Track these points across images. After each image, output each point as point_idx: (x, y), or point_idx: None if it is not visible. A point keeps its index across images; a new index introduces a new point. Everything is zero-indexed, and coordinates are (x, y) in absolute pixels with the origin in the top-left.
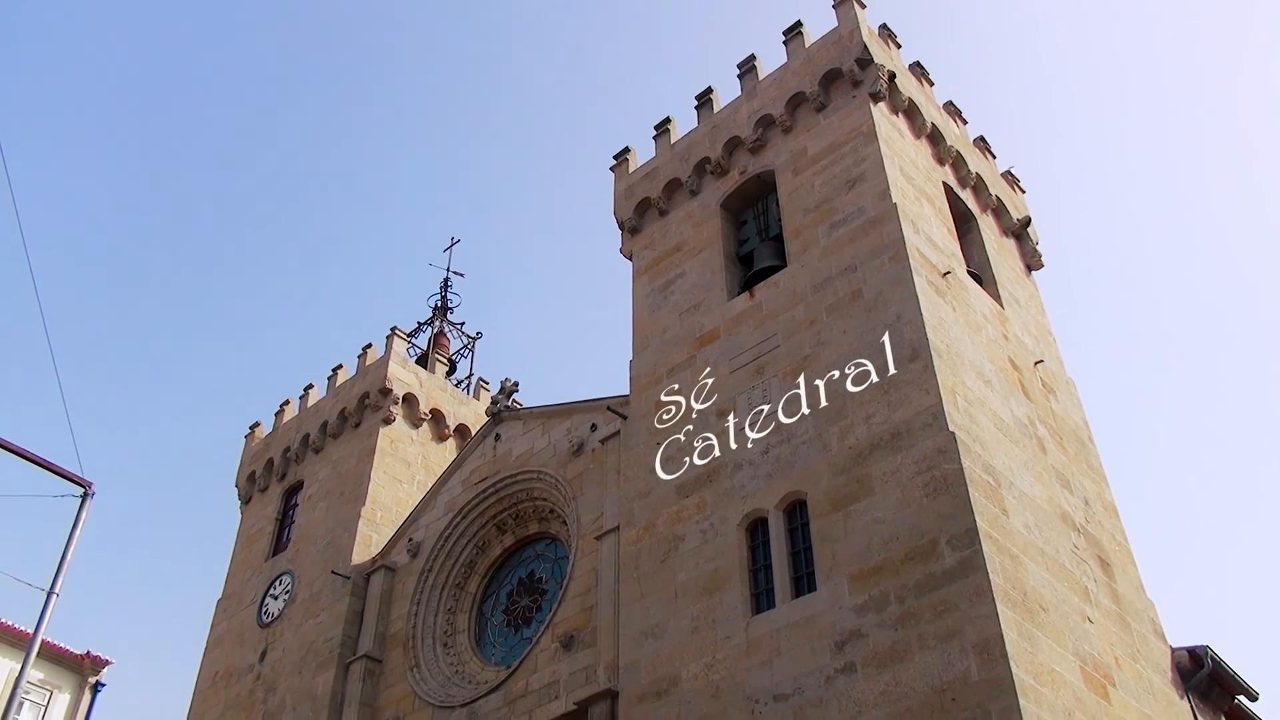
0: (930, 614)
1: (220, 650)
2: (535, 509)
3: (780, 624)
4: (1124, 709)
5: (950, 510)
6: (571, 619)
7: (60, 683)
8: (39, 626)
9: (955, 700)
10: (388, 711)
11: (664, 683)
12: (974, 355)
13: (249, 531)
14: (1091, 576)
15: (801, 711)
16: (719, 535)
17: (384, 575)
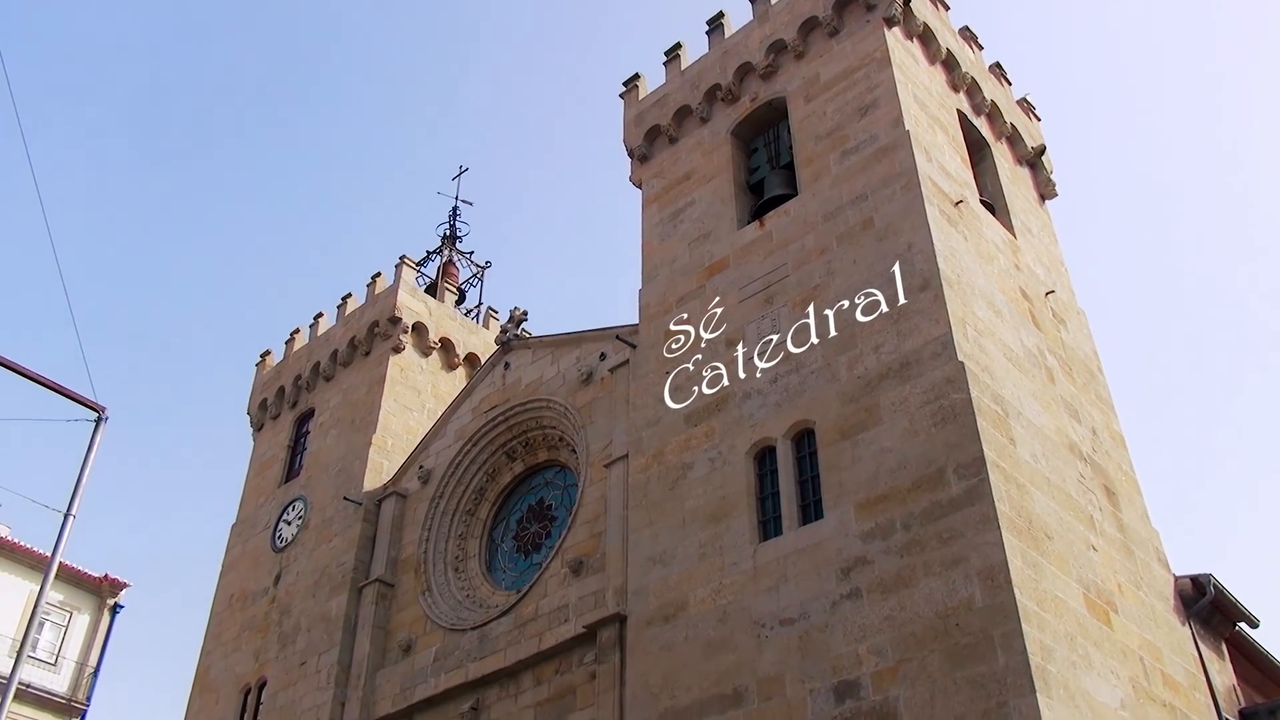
0: (936, 541)
1: (235, 574)
2: (545, 437)
3: (787, 550)
4: (1125, 634)
5: (957, 439)
6: (580, 545)
7: (80, 604)
8: (57, 548)
9: (959, 625)
10: (400, 634)
11: (671, 607)
12: (985, 285)
13: (261, 458)
14: (1097, 505)
15: (807, 635)
16: (727, 463)
17: (395, 501)
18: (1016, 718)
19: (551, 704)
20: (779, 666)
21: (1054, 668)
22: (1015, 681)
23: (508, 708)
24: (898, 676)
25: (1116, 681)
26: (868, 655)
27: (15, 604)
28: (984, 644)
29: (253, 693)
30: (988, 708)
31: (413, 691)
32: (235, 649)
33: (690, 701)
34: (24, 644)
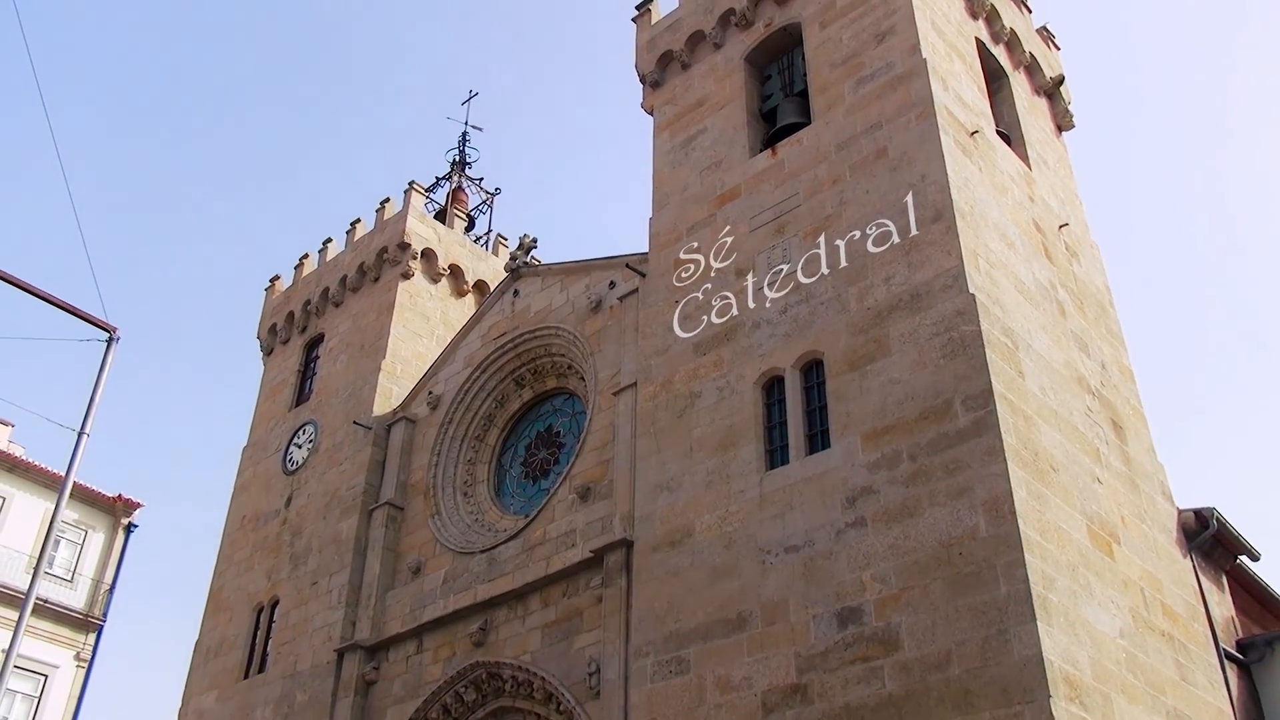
0: (941, 472)
1: (247, 495)
2: (553, 364)
3: (793, 479)
4: (1127, 566)
5: (966, 371)
6: (588, 471)
7: (94, 523)
8: (71, 465)
9: (962, 554)
10: (410, 556)
11: (678, 534)
12: (998, 217)
13: (272, 382)
14: (1103, 439)
15: (811, 562)
16: (735, 393)
17: (404, 427)
18: (1016, 645)
19: (558, 626)
20: (783, 592)
21: (1055, 597)
22: (1016, 610)
23: (515, 629)
24: (900, 603)
25: (1116, 611)
26: (871, 582)
27: (31, 522)
28: (986, 573)
29: (265, 611)
30: (988, 635)
31: (422, 612)
32: (248, 569)
33: (695, 625)
34: (41, 560)
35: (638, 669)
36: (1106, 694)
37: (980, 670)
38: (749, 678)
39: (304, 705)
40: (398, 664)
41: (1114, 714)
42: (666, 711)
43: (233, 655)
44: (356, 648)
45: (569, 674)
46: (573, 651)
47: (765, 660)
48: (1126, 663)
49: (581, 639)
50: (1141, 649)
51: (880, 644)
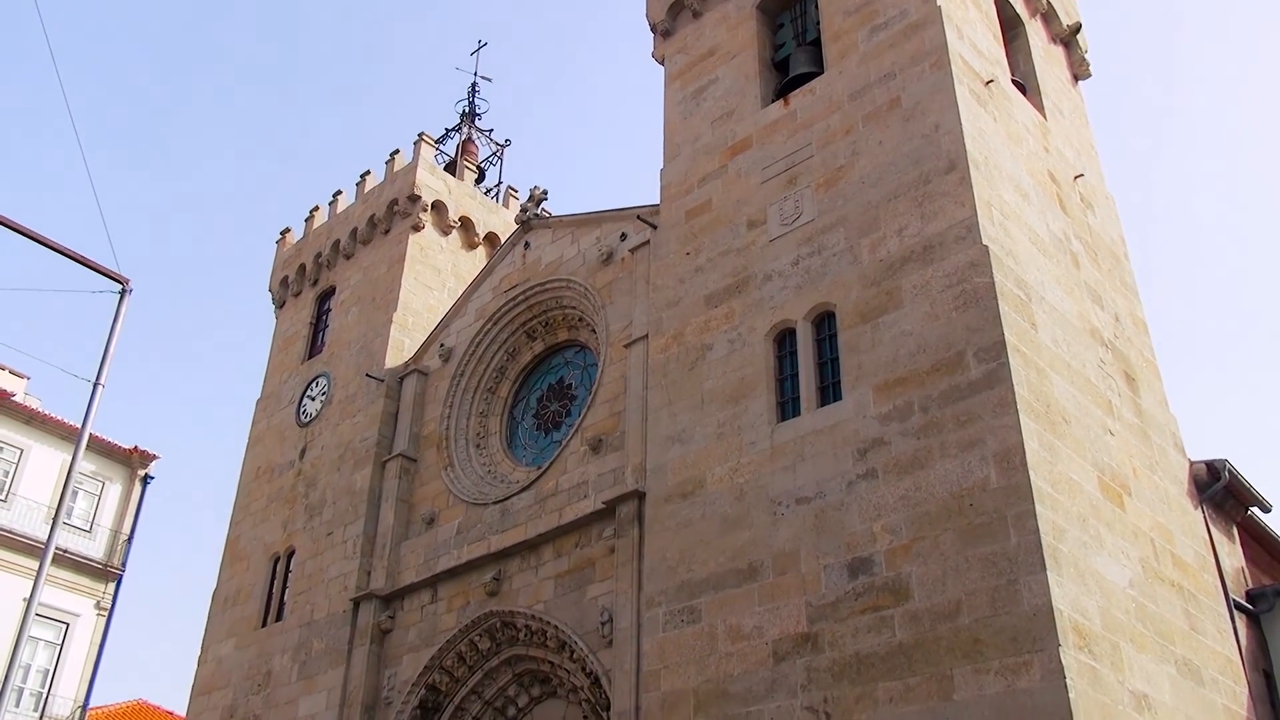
0: (953, 424)
1: (262, 447)
2: (565, 317)
3: (804, 431)
4: (1138, 517)
5: (979, 323)
6: (600, 423)
7: (111, 475)
8: (87, 416)
9: (973, 505)
10: (423, 507)
11: (689, 485)
12: (1012, 168)
13: (284, 335)
14: (1116, 391)
15: (822, 513)
16: (747, 345)
17: (417, 379)
18: (1026, 594)
19: (571, 575)
20: (794, 543)
21: (1065, 547)
22: (1026, 560)
23: (528, 579)
24: (911, 554)
25: (1126, 561)
26: (882, 533)
27: (50, 474)
28: (997, 524)
29: (281, 561)
30: (998, 585)
31: (436, 562)
32: (263, 519)
33: (706, 575)
34: (59, 509)
35: (650, 618)
36: (1115, 643)
37: (990, 619)
38: (760, 627)
39: (321, 653)
40: (412, 613)
41: (1123, 663)
42: (678, 659)
43: (250, 604)
44: (372, 597)
45: (582, 623)
46: (585, 601)
47: (776, 610)
48: (1136, 612)
49: (594, 589)
50: (1151, 599)
51: (890, 594)
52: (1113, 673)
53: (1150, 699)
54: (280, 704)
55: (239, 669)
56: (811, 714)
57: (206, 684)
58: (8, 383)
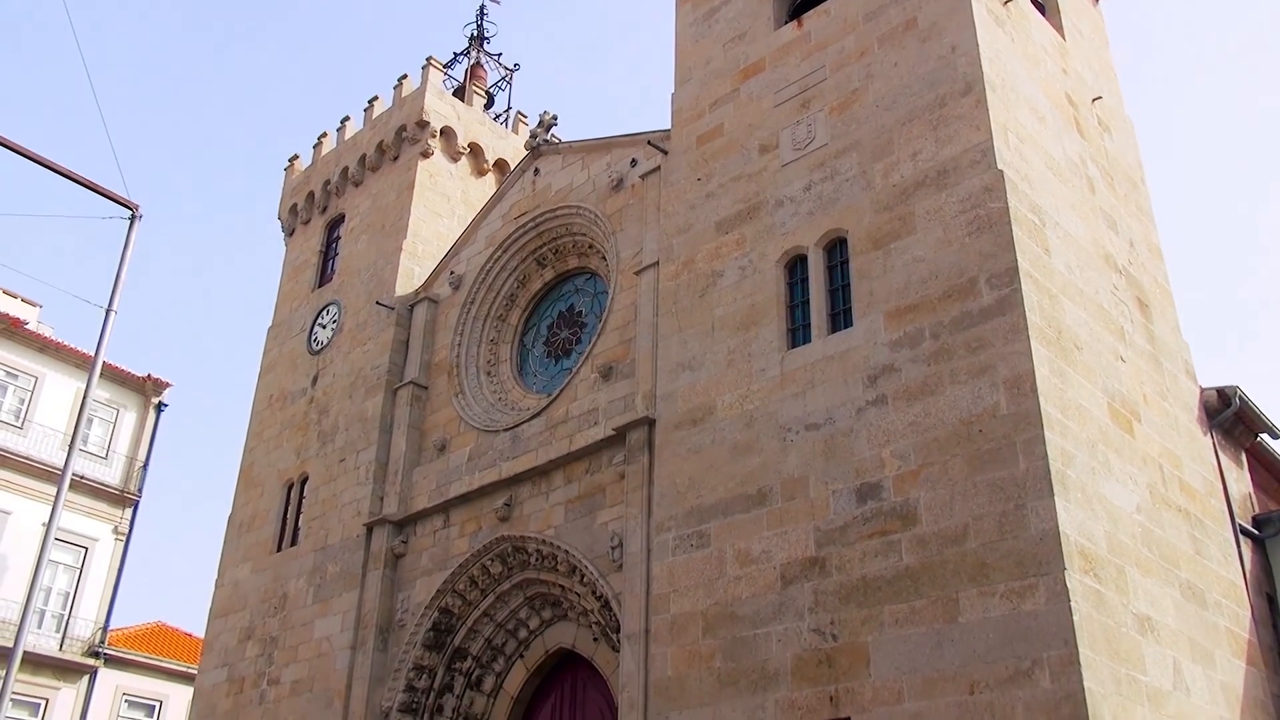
0: (964, 350)
1: (274, 375)
2: (575, 244)
3: (815, 358)
4: (1147, 443)
5: (992, 249)
6: (610, 351)
7: (125, 402)
8: (100, 341)
9: (982, 432)
10: (435, 434)
11: (699, 412)
12: (1030, 90)
13: (294, 263)
14: (1128, 317)
15: (832, 440)
16: (757, 271)
17: (427, 307)
18: (1033, 519)
19: (582, 501)
20: (803, 469)
21: (1073, 473)
22: (1035, 485)
23: (539, 504)
24: (919, 479)
25: (1134, 487)
26: (890, 459)
27: (65, 401)
28: (1006, 449)
29: (295, 487)
30: (1006, 510)
31: (448, 488)
32: (277, 446)
33: (716, 500)
34: (75, 434)
35: (659, 543)
36: (1121, 567)
37: (997, 544)
38: (768, 551)
39: (335, 576)
40: (425, 538)
41: (1127, 586)
42: (687, 583)
43: (265, 529)
44: (385, 522)
45: (592, 548)
46: (595, 526)
47: (784, 534)
48: (1142, 537)
49: (604, 514)
50: (1157, 524)
51: (898, 519)
52: (1117, 596)
53: (1153, 621)
54: (296, 626)
55: (255, 592)
56: (818, 635)
57: (224, 606)
58: (20, 310)
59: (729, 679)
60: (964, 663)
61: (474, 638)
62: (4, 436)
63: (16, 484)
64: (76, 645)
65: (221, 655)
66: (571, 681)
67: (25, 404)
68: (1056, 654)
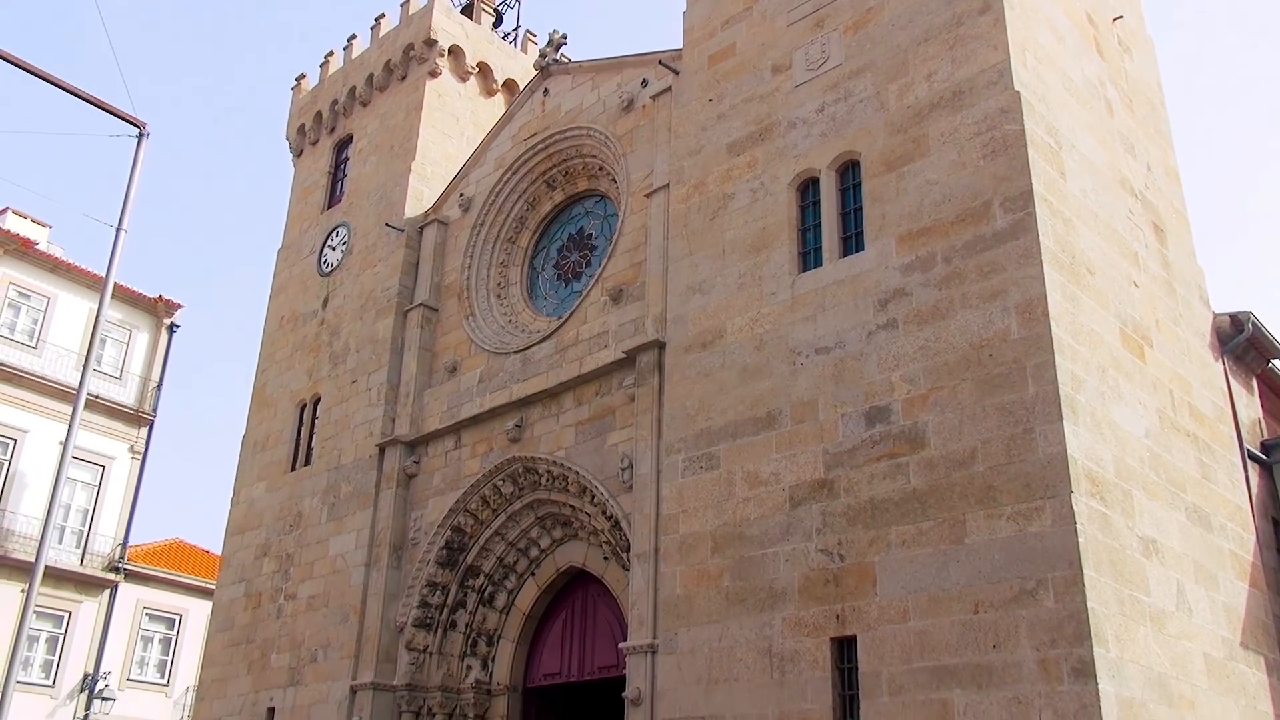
0: (976, 274)
1: (284, 297)
2: (585, 166)
3: (826, 282)
4: (1158, 368)
5: (1007, 172)
6: (620, 274)
7: (138, 324)
8: (112, 259)
9: (992, 356)
10: (445, 356)
11: (709, 335)
12: (1049, 9)
13: (303, 184)
14: (1143, 242)
15: (841, 363)
16: (769, 194)
17: (437, 229)
18: (1042, 443)
19: (592, 423)
20: (813, 392)
21: (1083, 398)
22: (1044, 410)
23: (549, 426)
24: (928, 403)
25: (1143, 412)
26: (900, 383)
27: (77, 322)
28: (1016, 374)
29: (308, 408)
30: (1014, 434)
31: (459, 410)
32: (289, 367)
33: (725, 423)
34: (90, 353)
35: (669, 464)
36: (1127, 490)
37: (1004, 467)
38: (777, 473)
39: (349, 495)
40: (437, 458)
41: (1133, 509)
42: (696, 504)
43: (279, 449)
44: (397, 443)
45: (602, 469)
46: (606, 448)
47: (793, 457)
48: (1149, 461)
49: (614, 436)
50: (1165, 448)
51: (907, 442)
52: (1123, 518)
53: (1158, 544)
54: (311, 543)
55: (270, 510)
56: (825, 556)
57: (240, 524)
58: (30, 231)
59: (737, 597)
60: (969, 583)
61: (486, 556)
62: (19, 356)
63: (32, 403)
64: (97, 561)
65: (239, 571)
66: (582, 599)
67: (38, 324)
68: (1061, 575)
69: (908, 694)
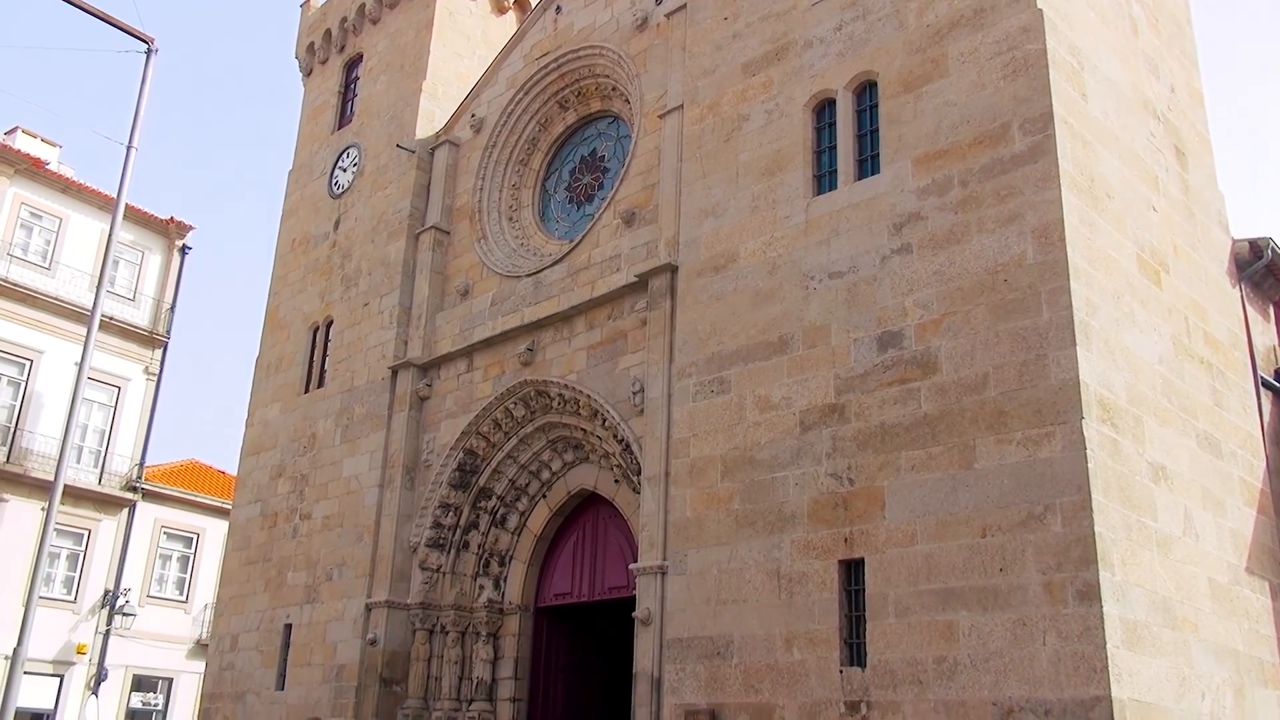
0: (993, 198)
1: (296, 219)
2: (598, 86)
3: (840, 205)
4: (1174, 294)
5: (1027, 93)
6: (633, 196)
7: (150, 245)
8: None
9: (1007, 281)
10: (458, 279)
11: (722, 258)
12: None
13: (313, 104)
14: (1164, 166)
15: (855, 288)
16: (784, 115)
17: (448, 150)
18: (1054, 368)
19: (603, 347)
20: (825, 317)
21: (1097, 323)
22: (1057, 335)
23: (561, 350)
24: (941, 328)
25: (1158, 338)
26: (913, 308)
27: (89, 243)
28: (1030, 299)
29: (320, 330)
30: (1027, 359)
31: (471, 333)
32: (301, 290)
33: (737, 347)
34: (103, 271)
35: (680, 388)
36: (1139, 416)
37: (1016, 392)
38: (788, 398)
39: (362, 418)
40: (449, 381)
41: (1144, 435)
42: (707, 428)
43: (293, 371)
44: (409, 365)
45: (614, 392)
46: (617, 372)
47: (804, 382)
48: (1162, 387)
49: (625, 360)
50: (1179, 375)
51: (919, 367)
52: (1133, 444)
53: (1168, 469)
54: (325, 464)
55: (285, 431)
56: (835, 479)
57: (255, 445)
58: (40, 150)
59: (746, 520)
60: (977, 507)
61: (498, 478)
62: (33, 277)
63: (47, 324)
64: (115, 480)
65: (255, 491)
66: (593, 521)
67: (51, 245)
68: (1069, 500)
69: (914, 615)
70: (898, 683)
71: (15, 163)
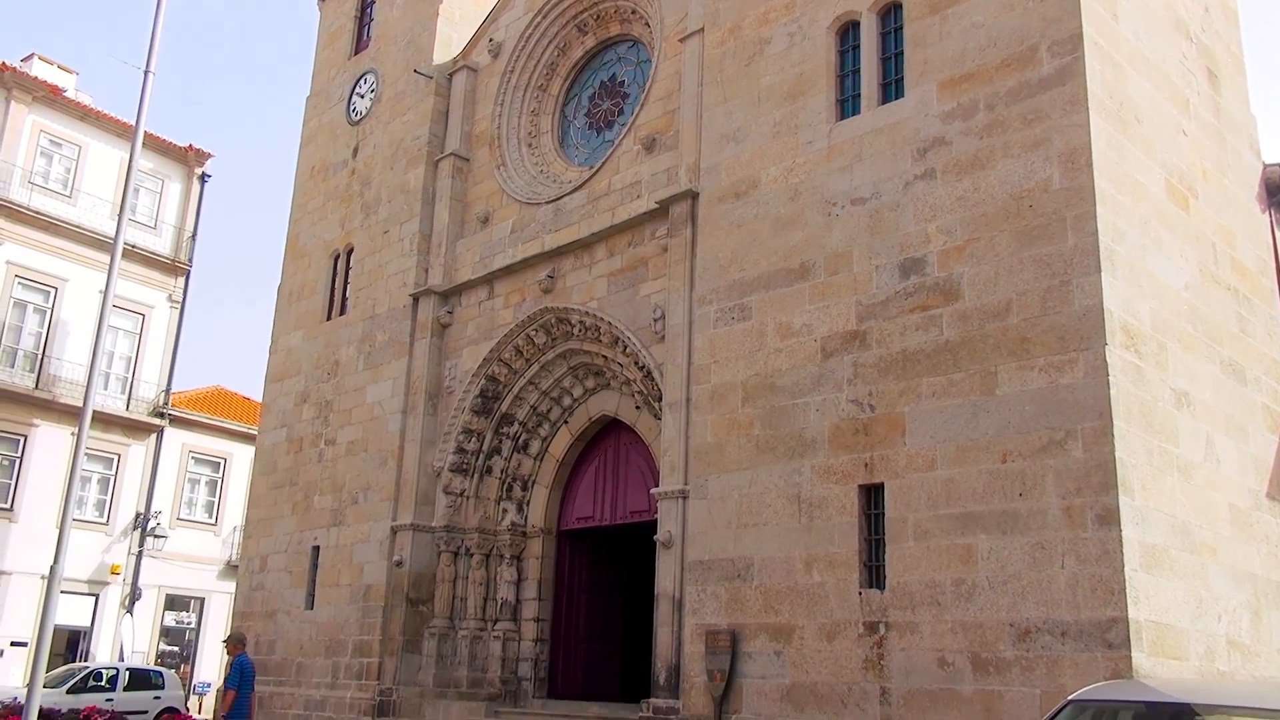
0: (1019, 123)
1: (314, 146)
2: (617, 9)
3: (863, 130)
4: (1202, 220)
5: (1056, 14)
6: (653, 122)
7: (169, 173)
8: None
9: (1032, 207)
10: (478, 206)
11: (743, 184)
12: None
13: (329, 29)
14: (1195, 88)
15: (877, 214)
16: (807, 38)
17: (466, 75)
18: (1078, 295)
19: (624, 274)
20: (847, 243)
21: (1122, 250)
22: (1082, 261)
23: (582, 277)
24: (964, 254)
25: (1184, 264)
26: (936, 234)
27: (109, 171)
28: (1055, 225)
29: (341, 258)
30: (1050, 285)
31: (492, 260)
32: (321, 218)
33: (759, 274)
34: (125, 199)
35: (701, 315)
36: (1163, 343)
37: (1039, 318)
38: (809, 324)
39: (384, 344)
40: (470, 308)
41: (1167, 361)
42: (728, 354)
43: (315, 299)
44: (430, 293)
45: (634, 319)
46: (638, 298)
47: (826, 308)
48: (1187, 314)
49: (646, 287)
50: (1204, 301)
51: (941, 293)
52: (1156, 371)
53: (1190, 396)
54: (349, 390)
55: (308, 358)
56: (856, 406)
57: (279, 372)
58: (57, 77)
59: (767, 446)
60: (998, 433)
61: (520, 404)
62: (55, 205)
63: (71, 251)
64: (142, 406)
65: (280, 417)
66: (614, 446)
67: (71, 173)
68: (1090, 425)
69: (933, 539)
70: (916, 604)
71: (33, 89)
